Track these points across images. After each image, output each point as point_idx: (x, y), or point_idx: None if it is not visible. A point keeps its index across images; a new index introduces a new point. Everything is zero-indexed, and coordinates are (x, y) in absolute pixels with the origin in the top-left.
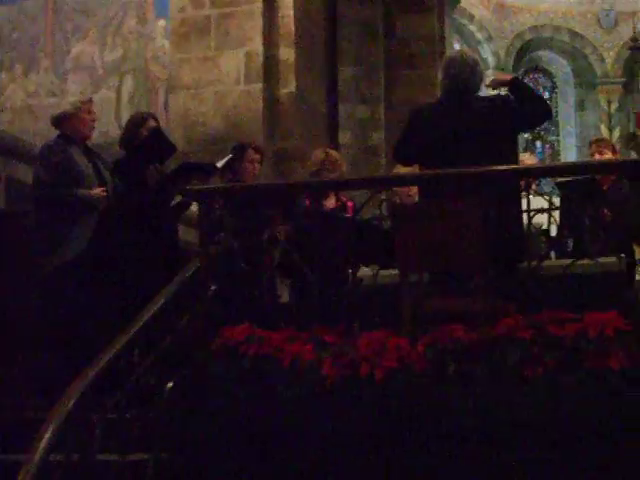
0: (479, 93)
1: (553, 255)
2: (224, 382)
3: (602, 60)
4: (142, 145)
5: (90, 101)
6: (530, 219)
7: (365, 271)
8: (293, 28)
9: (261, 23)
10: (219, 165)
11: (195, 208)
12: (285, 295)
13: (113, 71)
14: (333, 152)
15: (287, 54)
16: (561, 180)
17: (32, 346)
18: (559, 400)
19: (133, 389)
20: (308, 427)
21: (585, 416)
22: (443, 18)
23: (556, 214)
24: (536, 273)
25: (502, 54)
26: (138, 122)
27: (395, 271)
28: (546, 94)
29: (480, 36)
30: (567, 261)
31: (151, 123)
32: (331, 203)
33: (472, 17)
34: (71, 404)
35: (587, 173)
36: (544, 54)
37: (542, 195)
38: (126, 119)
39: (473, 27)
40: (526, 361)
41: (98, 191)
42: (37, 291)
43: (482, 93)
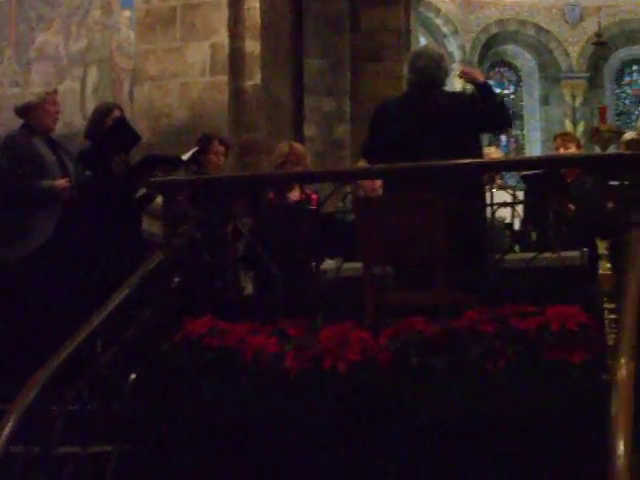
0: (445, 87)
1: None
2: (187, 374)
3: (567, 55)
4: (106, 135)
5: (55, 92)
6: (493, 213)
7: (329, 264)
8: (259, 20)
9: (227, 15)
10: (184, 158)
11: (160, 200)
12: (249, 287)
13: (77, 62)
14: (298, 145)
15: (253, 46)
16: (526, 173)
17: None
18: (521, 393)
19: (95, 381)
20: (271, 419)
21: (547, 409)
22: (409, 11)
23: (519, 208)
24: (499, 266)
25: (468, 48)
26: (103, 112)
27: (359, 264)
28: (511, 88)
29: (446, 30)
30: (530, 255)
31: (116, 113)
32: (295, 195)
33: (438, 11)
34: (32, 396)
35: (551, 167)
36: (509, 48)
37: (505, 189)
38: (90, 110)
39: (439, 20)
40: (488, 354)
41: (62, 182)
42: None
43: (448, 87)
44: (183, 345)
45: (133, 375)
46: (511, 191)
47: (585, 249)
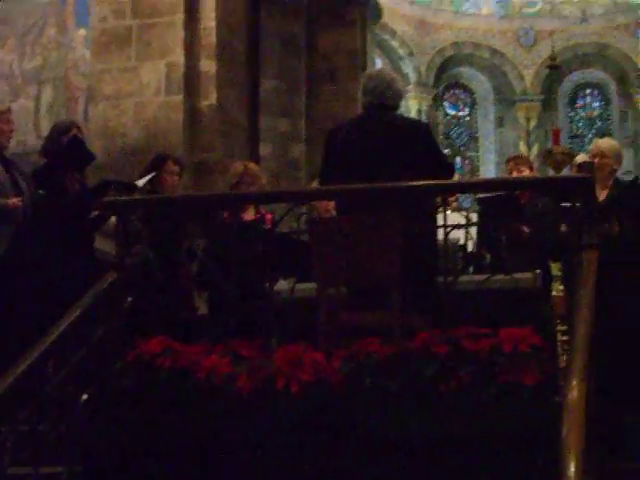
0: (399, 110)
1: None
2: (139, 395)
3: (521, 78)
4: (61, 152)
5: (9, 110)
6: (447, 235)
7: (283, 284)
8: (215, 40)
9: (182, 34)
10: (140, 184)
11: (115, 219)
12: (203, 308)
13: (32, 80)
14: (252, 165)
15: (208, 66)
16: (481, 196)
17: None
18: (474, 414)
19: (47, 401)
20: (224, 440)
21: (499, 431)
22: (365, 33)
23: (473, 230)
24: (452, 288)
25: (423, 70)
26: (61, 130)
27: (313, 284)
28: (466, 110)
29: (402, 52)
30: (483, 276)
31: (73, 132)
32: (250, 215)
33: (394, 33)
34: None
35: (505, 189)
36: (465, 70)
37: (459, 211)
38: (45, 128)
39: (395, 42)
40: (441, 376)
41: (14, 201)
42: None
43: (404, 109)
44: (136, 365)
45: (85, 395)
46: (465, 213)
47: (538, 271)
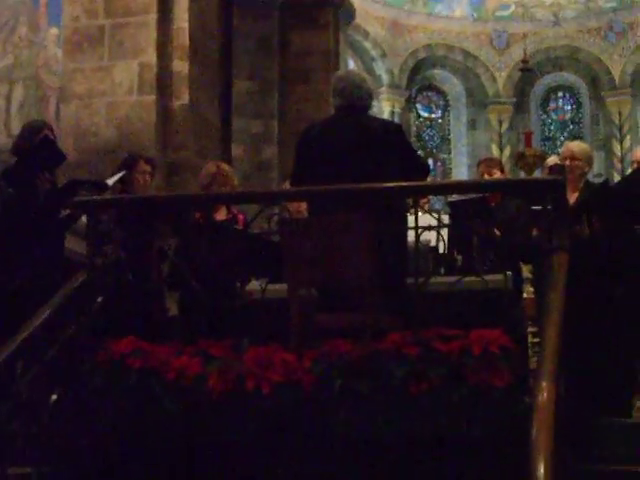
0: (370, 111)
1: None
2: (109, 395)
3: (494, 80)
4: (31, 152)
5: None
6: (418, 236)
7: (255, 285)
8: (188, 40)
9: (155, 34)
10: (110, 183)
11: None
12: (174, 308)
13: (3, 79)
14: (225, 165)
15: (181, 66)
16: (452, 199)
17: None
18: (444, 416)
19: (16, 401)
20: (194, 440)
21: (470, 432)
22: (338, 34)
23: (444, 232)
24: (423, 289)
25: (396, 71)
26: (34, 130)
27: (285, 285)
28: (439, 112)
29: (374, 53)
30: (454, 278)
31: (46, 132)
32: (221, 215)
33: (367, 34)
34: None
35: (477, 191)
36: (437, 73)
37: (431, 213)
38: (16, 128)
39: (368, 44)
40: (411, 377)
41: None
42: None
43: (376, 110)
44: (106, 365)
45: (54, 396)
46: (436, 215)
47: (509, 273)
